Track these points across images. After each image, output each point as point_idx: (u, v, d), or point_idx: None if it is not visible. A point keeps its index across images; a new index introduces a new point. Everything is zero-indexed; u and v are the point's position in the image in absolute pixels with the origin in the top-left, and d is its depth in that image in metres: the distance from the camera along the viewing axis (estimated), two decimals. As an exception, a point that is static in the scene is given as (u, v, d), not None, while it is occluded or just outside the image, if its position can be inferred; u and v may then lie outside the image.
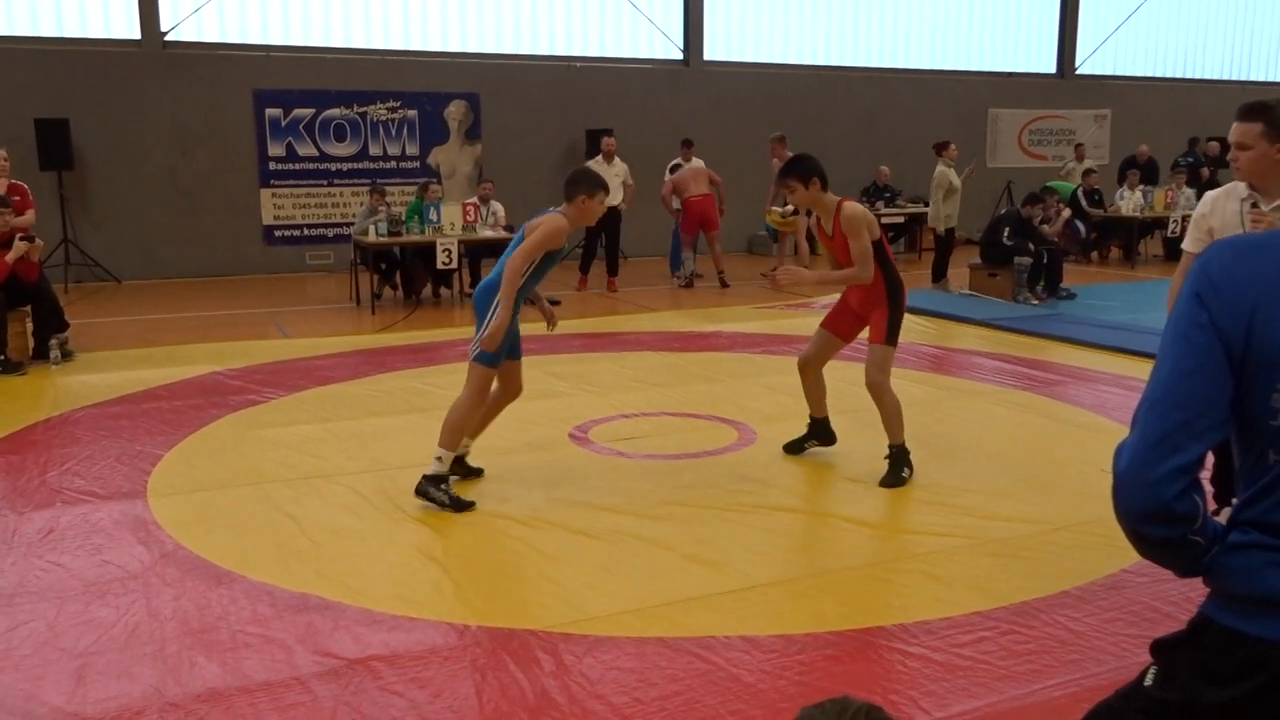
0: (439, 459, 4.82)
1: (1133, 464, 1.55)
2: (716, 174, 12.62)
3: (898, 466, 5.17)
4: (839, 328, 5.49)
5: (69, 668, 3.31)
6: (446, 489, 4.82)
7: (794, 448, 5.66)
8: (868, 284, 5.15)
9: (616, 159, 12.39)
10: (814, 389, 5.61)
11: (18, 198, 8.18)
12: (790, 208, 12.76)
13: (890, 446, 5.22)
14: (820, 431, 5.67)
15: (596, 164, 12.45)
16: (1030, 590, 3.87)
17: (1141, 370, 7.36)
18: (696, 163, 12.58)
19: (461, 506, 4.77)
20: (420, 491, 4.79)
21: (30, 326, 8.07)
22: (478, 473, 5.27)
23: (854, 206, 5.09)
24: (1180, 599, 3.72)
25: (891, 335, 5.18)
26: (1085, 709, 1.82)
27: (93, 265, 12.68)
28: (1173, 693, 1.66)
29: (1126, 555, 4.06)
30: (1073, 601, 3.78)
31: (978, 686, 3.17)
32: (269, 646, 3.45)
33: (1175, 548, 1.58)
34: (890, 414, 5.22)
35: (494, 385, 5.02)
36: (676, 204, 12.65)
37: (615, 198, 12.20)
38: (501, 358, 4.87)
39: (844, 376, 7.45)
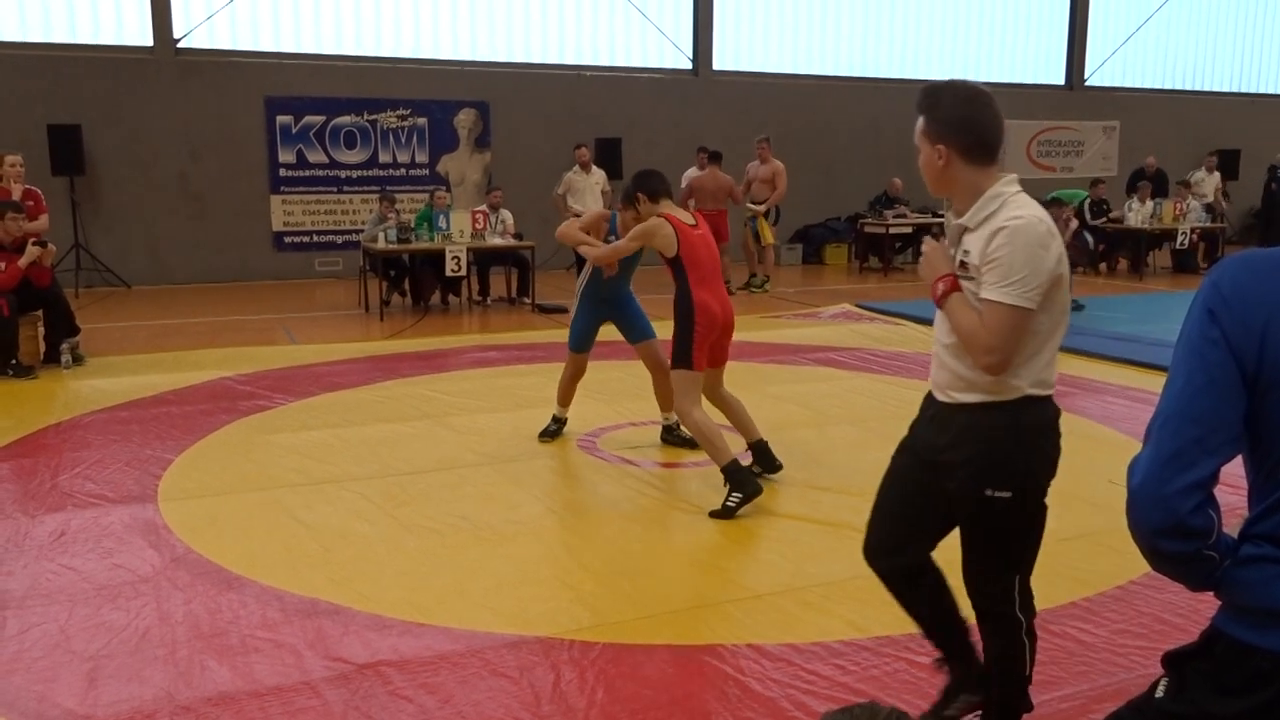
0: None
1: (1147, 480, 1.56)
2: (737, 191, 12.60)
3: (728, 492, 4.82)
4: None
5: (80, 670, 3.33)
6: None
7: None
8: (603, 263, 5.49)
9: (594, 167, 12.44)
10: (729, 413, 5.39)
11: (31, 203, 8.23)
12: (762, 206, 12.86)
13: (721, 470, 4.92)
14: (761, 457, 5.33)
15: (574, 174, 12.52)
16: (1038, 601, 3.83)
17: (1149, 382, 7.35)
18: (722, 176, 12.54)
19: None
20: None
21: (41, 331, 8.11)
22: (691, 443, 5.70)
23: (651, 222, 5.07)
24: (1189, 610, 3.71)
25: (678, 358, 4.96)
26: (1094, 720, 1.83)
27: (103, 270, 12.74)
28: (1184, 705, 1.66)
29: (1135, 566, 4.06)
30: (1081, 612, 3.78)
31: (986, 697, 3.17)
32: (279, 651, 3.47)
33: (1190, 563, 1.58)
34: (699, 439, 4.97)
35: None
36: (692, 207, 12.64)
37: (595, 207, 12.25)
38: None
39: (850, 386, 7.46)
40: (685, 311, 4.96)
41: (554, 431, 6.10)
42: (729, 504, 4.79)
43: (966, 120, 2.57)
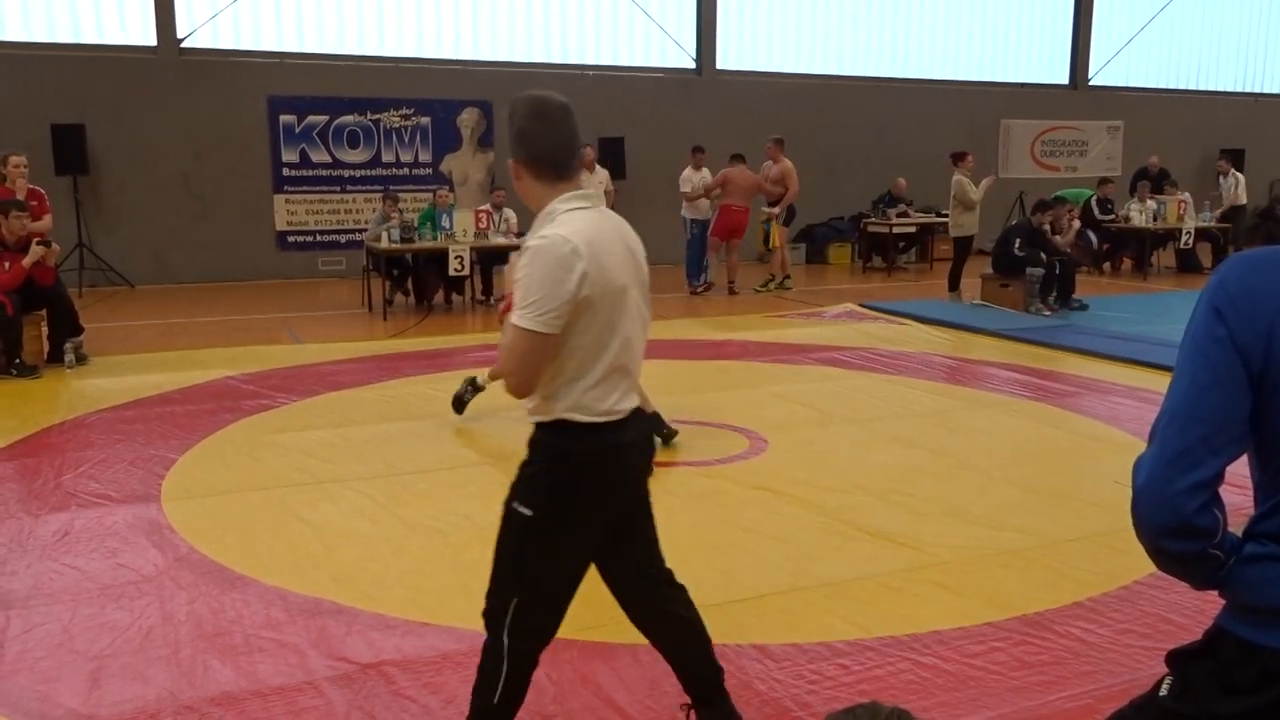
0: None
1: (1152, 479, 1.55)
2: (766, 184, 12.60)
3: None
4: None
5: (84, 670, 3.33)
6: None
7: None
8: None
9: (597, 167, 12.44)
10: None
11: (35, 203, 8.25)
12: (776, 209, 12.91)
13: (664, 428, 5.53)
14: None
15: None
16: (1043, 601, 3.86)
17: (1154, 382, 7.34)
18: (750, 173, 12.53)
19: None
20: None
21: (45, 330, 8.12)
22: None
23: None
24: (1194, 610, 3.71)
25: None
26: (1099, 720, 1.83)
27: (107, 270, 12.75)
28: (1188, 705, 1.66)
29: (1139, 566, 4.06)
30: (1085, 612, 3.77)
31: (990, 697, 3.17)
32: (282, 651, 3.47)
33: (1195, 562, 1.58)
34: None
35: None
36: (708, 205, 12.63)
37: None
38: None
39: (854, 386, 7.46)
40: None
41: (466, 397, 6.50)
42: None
43: (530, 135, 2.52)
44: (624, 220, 2.65)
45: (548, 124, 2.52)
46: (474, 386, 6.49)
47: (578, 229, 2.41)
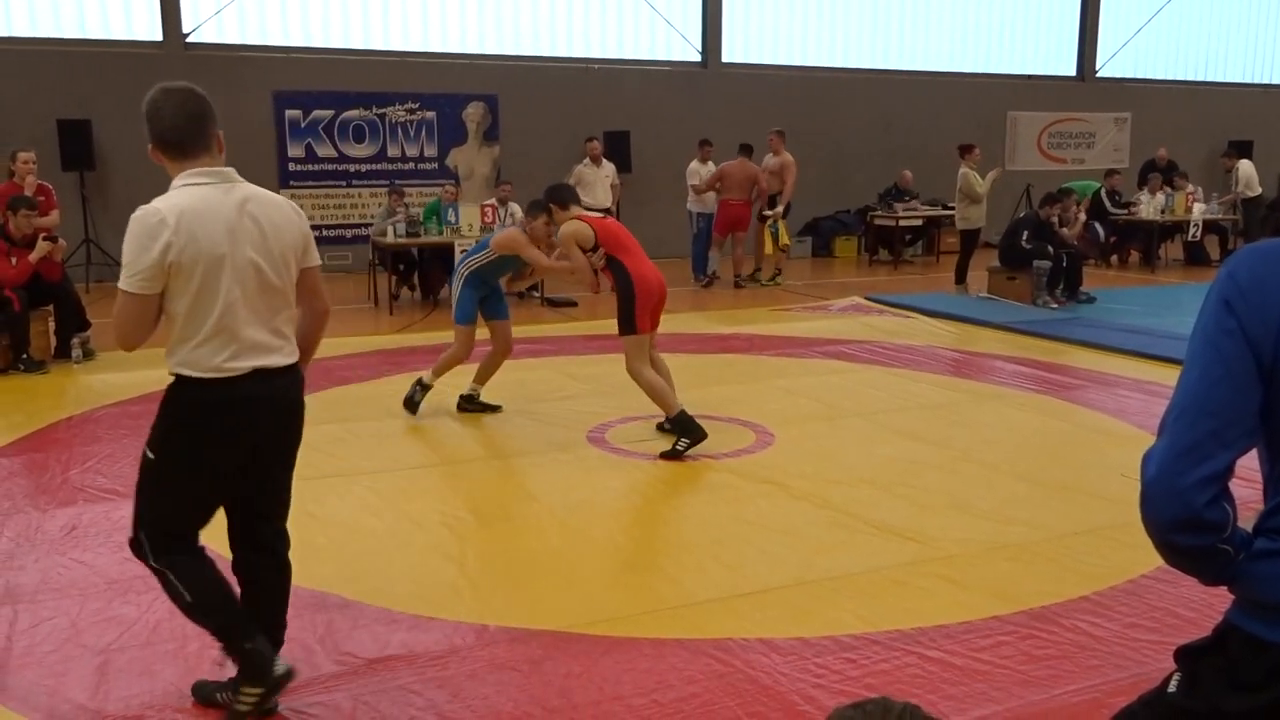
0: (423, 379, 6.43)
1: (1162, 472, 1.54)
2: (762, 177, 12.56)
3: (677, 438, 5.57)
4: None
5: (91, 664, 3.34)
6: (418, 399, 6.38)
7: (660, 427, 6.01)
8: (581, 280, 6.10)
9: (604, 160, 12.42)
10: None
11: (43, 198, 8.26)
12: (779, 209, 12.97)
13: (668, 419, 5.69)
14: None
15: (585, 166, 12.50)
16: (1049, 595, 3.85)
17: (1161, 375, 7.32)
18: (750, 166, 12.50)
19: (412, 408, 6.39)
20: (409, 399, 6.43)
21: (52, 326, 8.14)
22: (496, 408, 6.55)
23: (570, 225, 5.87)
24: (1202, 604, 3.69)
25: (622, 326, 5.70)
26: (1105, 715, 1.82)
27: (114, 265, 12.72)
28: (1197, 701, 1.65)
29: (1146, 560, 4.05)
30: (1092, 606, 3.76)
31: (997, 691, 3.16)
32: (288, 645, 3.45)
33: (1204, 557, 1.57)
34: (650, 393, 5.70)
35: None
36: (713, 198, 12.58)
37: (605, 200, 12.23)
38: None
39: (860, 379, 7.44)
40: (625, 285, 5.69)
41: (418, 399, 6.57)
42: (678, 447, 5.53)
43: (149, 116, 2.80)
44: (273, 196, 2.93)
45: (166, 109, 2.78)
46: (422, 386, 6.52)
47: (175, 202, 2.73)
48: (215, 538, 3.08)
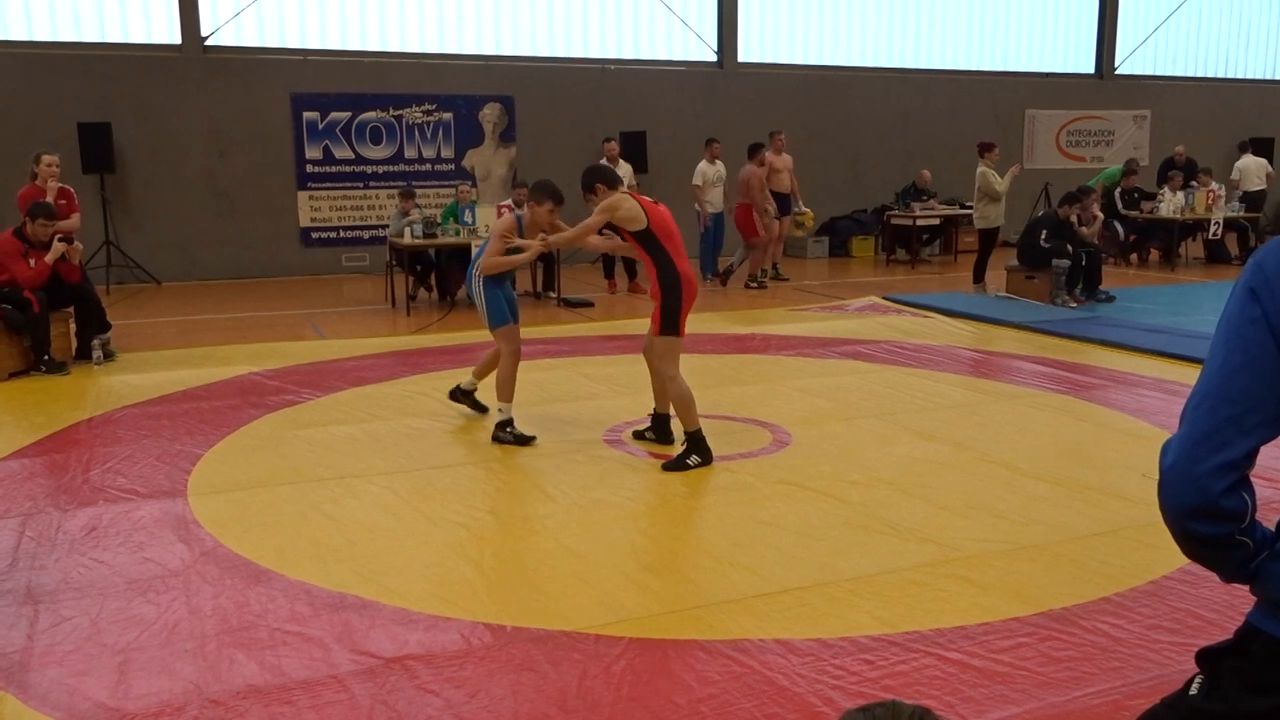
0: (500, 409, 5.97)
1: (1179, 459, 1.52)
2: (756, 179, 12.55)
3: (687, 453, 5.45)
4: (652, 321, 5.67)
5: (111, 663, 3.36)
6: (511, 430, 5.87)
7: (637, 434, 6.02)
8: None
9: (621, 161, 12.42)
10: (654, 382, 5.87)
11: (64, 201, 8.32)
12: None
13: (685, 433, 5.50)
14: (659, 428, 5.93)
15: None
16: (1069, 596, 3.82)
17: (1182, 374, 7.26)
18: (750, 168, 12.47)
19: (524, 441, 5.83)
20: (495, 438, 5.91)
21: (73, 327, 8.20)
22: (484, 409, 6.47)
23: (614, 196, 5.46)
24: (1223, 606, 3.66)
25: (666, 325, 5.44)
26: (1126, 717, 1.81)
27: (134, 267, 12.86)
28: (1218, 703, 1.63)
29: (1167, 561, 4.02)
30: (1112, 608, 3.73)
31: (1016, 693, 3.14)
32: (307, 645, 3.48)
33: (1222, 547, 1.54)
34: (678, 403, 5.49)
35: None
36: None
37: None
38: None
39: (878, 379, 7.41)
40: (672, 283, 5.41)
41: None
42: (688, 462, 5.40)
43: None
44: None
45: None
46: (502, 419, 6.05)
47: None
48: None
